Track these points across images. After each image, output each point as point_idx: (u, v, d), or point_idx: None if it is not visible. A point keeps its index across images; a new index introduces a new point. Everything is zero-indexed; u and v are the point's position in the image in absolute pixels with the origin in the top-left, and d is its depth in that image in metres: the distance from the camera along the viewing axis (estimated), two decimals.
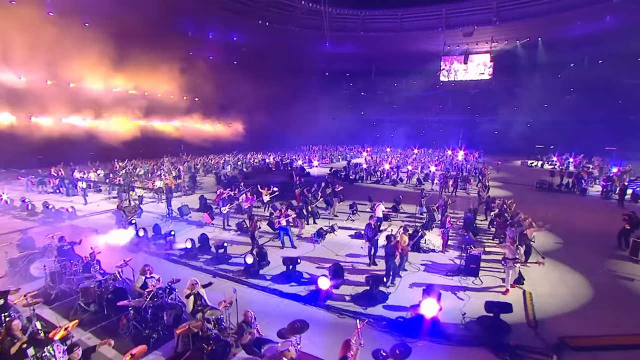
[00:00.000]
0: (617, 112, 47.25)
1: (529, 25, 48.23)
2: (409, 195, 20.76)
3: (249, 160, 32.11)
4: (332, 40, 53.91)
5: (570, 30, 46.91)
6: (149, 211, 16.84)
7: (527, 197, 20.88)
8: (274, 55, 56.20)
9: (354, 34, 54.81)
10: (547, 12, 46.86)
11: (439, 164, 30.06)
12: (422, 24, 52.55)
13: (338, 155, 37.61)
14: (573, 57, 50.32)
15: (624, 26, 43.31)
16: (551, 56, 50.13)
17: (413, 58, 55.72)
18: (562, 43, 48.55)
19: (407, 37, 53.89)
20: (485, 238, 13.52)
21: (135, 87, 41.56)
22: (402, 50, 55.45)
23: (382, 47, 56.07)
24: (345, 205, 17.51)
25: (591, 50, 49.12)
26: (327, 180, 19.34)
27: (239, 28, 51.22)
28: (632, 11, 42.06)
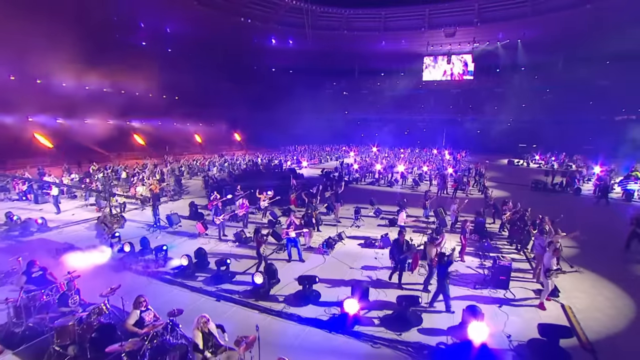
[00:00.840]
0: (589, 112, 48.74)
1: (508, 27, 48.91)
2: (409, 197, 19.87)
3: (236, 162, 30.33)
4: (316, 39, 52.73)
5: (546, 33, 47.91)
6: (132, 220, 15.01)
7: (525, 197, 20.37)
8: (256, 54, 54.47)
9: (338, 32, 53.83)
10: (524, 15, 47.73)
11: (430, 163, 29.43)
12: (406, 24, 52.30)
13: (326, 156, 36.40)
14: (549, 59, 51.39)
15: (595, 31, 44.58)
16: (529, 58, 50.96)
17: (396, 58, 55.41)
18: (539, 45, 49.46)
19: (391, 36, 53.49)
20: (500, 243, 12.68)
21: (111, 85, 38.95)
22: (386, 50, 55.03)
23: (366, 47, 55.43)
24: (345, 209, 16.35)
25: (565, 52, 50.40)
26: (325, 183, 18.05)
27: (219, 25, 49.11)
28: (602, 17, 43.53)
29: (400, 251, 9.22)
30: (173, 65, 45.32)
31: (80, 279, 7.92)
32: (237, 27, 51.04)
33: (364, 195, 20.03)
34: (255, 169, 24.31)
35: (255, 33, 53.63)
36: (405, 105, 56.86)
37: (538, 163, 35.43)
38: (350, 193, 20.78)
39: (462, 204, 13.95)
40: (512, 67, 52.08)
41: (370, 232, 13.77)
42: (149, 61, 40.94)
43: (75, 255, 9.71)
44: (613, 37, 41.98)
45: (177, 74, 46.82)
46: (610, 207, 18.82)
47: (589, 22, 44.64)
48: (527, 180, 25.46)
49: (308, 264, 10.62)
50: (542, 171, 31.11)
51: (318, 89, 57.02)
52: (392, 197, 19.83)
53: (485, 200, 15.90)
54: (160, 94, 47.08)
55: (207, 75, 49.72)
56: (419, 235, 13.39)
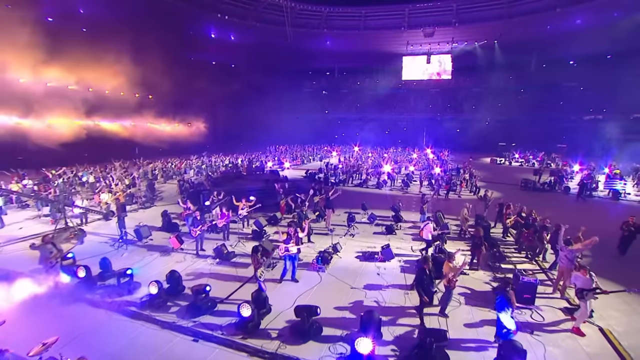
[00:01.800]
0: (560, 112, 49.82)
1: (485, 28, 49.04)
2: (401, 200, 18.60)
3: (215, 164, 28.08)
4: (295, 37, 50.91)
5: (520, 35, 48.45)
6: (94, 233, 12.84)
7: (517, 197, 19.58)
8: (234, 51, 52.02)
9: (317, 30, 52.20)
10: (499, 17, 48.00)
11: (416, 163, 28.41)
12: (385, 23, 51.38)
13: (308, 156, 34.67)
14: (522, 60, 52.13)
15: (563, 33, 45.55)
16: (504, 58, 51.38)
17: (376, 57, 54.45)
18: (513, 47, 49.93)
19: (371, 35, 52.41)
20: (508, 251, 11.51)
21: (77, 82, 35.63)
22: (366, 49, 53.94)
23: (346, 45, 54.12)
24: (336, 215, 14.81)
25: (537, 54, 51.29)
26: (314, 187, 16.41)
27: (196, 21, 46.48)
28: (570, 21, 44.59)
29: (431, 282, 7.44)
30: (147, 62, 42.37)
31: (9, 323, 5.95)
32: (214, 23, 48.65)
33: (354, 198, 18.58)
34: (235, 172, 22.33)
35: (233, 30, 51.28)
36: (385, 105, 56.08)
37: (518, 161, 35.30)
38: (339, 196, 19.31)
39: (468, 208, 12.68)
40: (488, 68, 52.28)
41: (367, 241, 12.30)
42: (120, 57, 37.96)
43: (6, 287, 7.60)
44: (579, 40, 43.27)
45: (151, 71, 44.04)
46: (603, 206, 18.32)
47: (558, 25, 45.75)
48: (515, 179, 24.88)
49: (302, 285, 8.98)
50: (526, 169, 30.93)
51: (298, 88, 55.30)
52: (383, 200, 18.49)
53: (485, 202, 14.75)
54: (133, 92, 44.02)
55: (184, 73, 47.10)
56: (419, 243, 12.05)
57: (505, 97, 51.85)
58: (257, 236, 12.44)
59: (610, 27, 42.25)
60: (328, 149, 40.52)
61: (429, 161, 31.08)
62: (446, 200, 18.49)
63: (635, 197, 20.15)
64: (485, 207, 14.57)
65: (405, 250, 11.57)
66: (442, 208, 14.83)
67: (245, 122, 49.60)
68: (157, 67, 44.36)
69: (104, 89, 39.11)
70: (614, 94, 44.83)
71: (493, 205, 14.84)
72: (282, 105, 51.31)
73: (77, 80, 34.46)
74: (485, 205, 14.65)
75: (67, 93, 33.63)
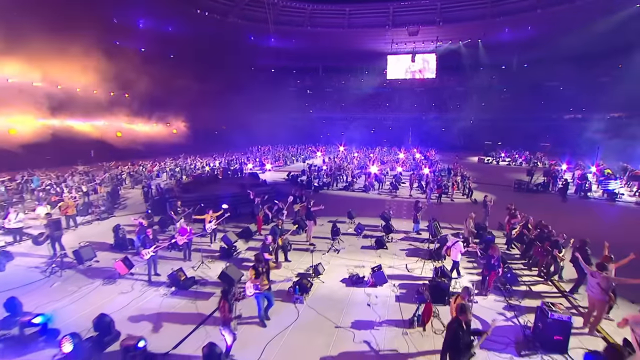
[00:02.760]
0: (541, 111, 49.36)
1: (469, 27, 47.99)
2: (390, 204, 16.74)
3: (191, 166, 25.59)
4: (278, 35, 48.68)
5: (502, 35, 47.80)
6: (26, 254, 10.42)
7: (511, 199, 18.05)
8: (215, 49, 49.28)
9: (301, 28, 50.04)
10: (482, 16, 47.06)
11: (404, 164, 26.71)
12: (370, 21, 49.73)
13: (291, 157, 32.50)
14: (504, 60, 51.53)
15: (543, 35, 45.09)
16: (488, 58, 50.54)
17: (361, 56, 52.70)
18: (496, 47, 49.17)
19: (355, 34, 50.63)
20: (515, 267, 9.75)
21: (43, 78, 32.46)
22: (350, 48, 52.14)
23: (330, 44, 52.14)
24: (319, 225, 12.82)
25: (519, 54, 50.83)
26: (294, 193, 14.34)
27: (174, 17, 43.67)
28: (549, 22, 44.15)
29: (469, 347, 4.58)
30: (123, 58, 39.45)
31: None
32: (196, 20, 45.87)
33: (339, 204, 16.62)
34: (209, 176, 20.03)
35: (214, 27, 48.55)
36: (370, 104, 54.48)
37: (504, 160, 34.15)
38: (322, 202, 17.30)
39: (473, 219, 10.88)
40: (472, 67, 51.43)
41: (354, 258, 10.33)
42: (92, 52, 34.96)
43: None
44: (559, 41, 43.12)
45: (127, 68, 41.02)
46: (602, 209, 16.96)
47: (539, 25, 45.39)
48: (506, 180, 23.49)
49: (274, 326, 6.91)
50: (513, 169, 29.71)
51: (282, 87, 53.00)
52: (370, 206, 16.62)
53: (485, 209, 12.99)
54: (107, 90, 40.91)
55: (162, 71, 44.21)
56: (416, 260, 10.19)
57: (489, 96, 51.11)
58: (225, 255, 10.33)
59: (587, 29, 42.27)
60: (313, 149, 38.43)
61: (416, 161, 29.45)
62: (439, 205, 16.76)
63: (630, 198, 18.92)
64: (486, 214, 12.82)
65: (399, 269, 9.67)
66: (435, 215, 13.02)
67: (228, 121, 47.05)
68: (133, 64, 41.51)
69: (75, 87, 36.15)
70: (591, 94, 44.89)
71: (495, 210, 13.18)
72: (266, 104, 48.95)
73: (44, 76, 31.41)
74: (485, 213, 12.90)
75: (31, 90, 30.57)
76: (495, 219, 12.83)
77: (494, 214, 13.13)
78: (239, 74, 51.44)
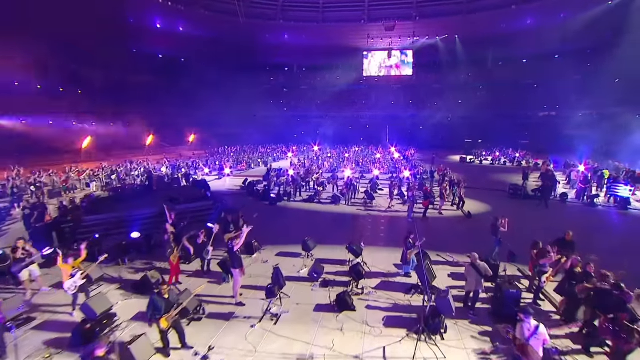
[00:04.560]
0: (516, 109, 46.99)
1: (445, 23, 44.53)
2: (365, 223, 12.33)
3: (130, 172, 20.25)
4: (249, 29, 43.53)
5: (478, 31, 44.72)
6: None
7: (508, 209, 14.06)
8: (181, 42, 43.65)
9: (274, 22, 45.03)
10: (459, 12, 43.78)
11: (380, 165, 22.46)
12: (345, 16, 45.28)
13: (257, 159, 27.57)
14: (480, 57, 48.56)
15: (518, 32, 42.59)
16: (464, 55, 47.38)
17: (336, 52, 48.11)
18: (472, 43, 46.09)
19: (330, 28, 46.07)
20: (551, 334, 5.55)
21: None
22: (326, 43, 47.52)
23: (305, 39, 47.39)
24: (259, 267, 8.33)
25: (493, 52, 48.20)
26: (225, 218, 9.52)
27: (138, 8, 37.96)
28: (523, 19, 41.85)
29: None
30: (78, 52, 33.70)
31: None
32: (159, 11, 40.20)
33: (296, 223, 12.16)
34: (136, 188, 15.06)
35: (180, 19, 43.00)
36: (346, 101, 50.13)
37: (487, 159, 30.55)
38: (276, 220, 12.72)
39: (474, 260, 6.54)
40: (448, 64, 48.14)
41: (299, 337, 5.85)
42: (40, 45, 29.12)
43: None
44: (532, 38, 41.00)
45: (82, 63, 35.06)
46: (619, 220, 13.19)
47: (513, 22, 42.89)
48: (495, 183, 19.63)
49: None
50: (497, 168, 26.02)
51: (254, 84, 47.92)
52: (339, 224, 12.19)
53: (496, 236, 8.71)
54: (57, 86, 34.91)
55: (122, 67, 38.41)
56: (401, 338, 5.82)
57: (465, 93, 48.01)
58: (77, 340, 5.62)
59: (558, 27, 40.57)
60: (284, 150, 33.58)
61: (395, 162, 25.23)
62: (424, 221, 12.49)
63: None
64: (497, 244, 8.59)
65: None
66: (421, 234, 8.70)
67: (196, 121, 41.61)
68: (89, 58, 35.64)
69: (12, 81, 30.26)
70: (563, 92, 43.11)
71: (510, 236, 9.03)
72: (237, 102, 43.79)
73: None
74: (496, 242, 8.65)
75: None
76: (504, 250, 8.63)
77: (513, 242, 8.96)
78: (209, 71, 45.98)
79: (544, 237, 7.60)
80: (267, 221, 12.09)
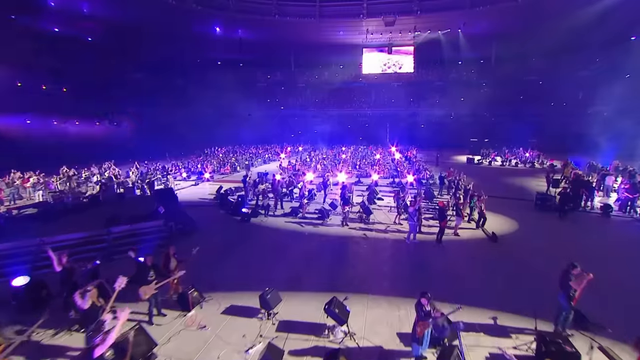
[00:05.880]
0: (521, 106, 43.57)
1: (448, 17, 40.80)
2: (358, 251, 8.88)
3: (90, 178, 16.77)
4: (244, 25, 40.16)
5: (482, 26, 41.17)
6: None
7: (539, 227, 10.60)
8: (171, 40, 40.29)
9: (269, 18, 41.48)
10: (463, 6, 40.06)
11: (380, 168, 19.01)
12: (343, 11, 41.61)
13: (244, 161, 24.20)
14: (484, 53, 45.04)
15: (523, 27, 39.02)
16: (467, 52, 43.72)
17: (335, 48, 44.63)
18: (475, 39, 42.48)
19: (327, 24, 42.47)
20: None
21: None
22: (323, 40, 44.03)
23: (301, 36, 43.85)
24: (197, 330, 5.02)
25: (497, 48, 44.75)
26: (146, 260, 6.14)
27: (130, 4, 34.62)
28: (530, 13, 38.22)
29: None
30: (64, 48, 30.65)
31: None
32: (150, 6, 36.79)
33: (266, 252, 8.79)
34: (86, 198, 11.78)
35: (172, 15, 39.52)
36: (345, 100, 46.67)
37: (494, 158, 26.95)
38: (241, 246, 9.30)
39: None
40: (450, 61, 44.56)
41: None
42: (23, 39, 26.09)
43: None
44: (539, 34, 37.62)
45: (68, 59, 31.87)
46: None
47: (519, 17, 39.29)
48: (514, 190, 16.12)
49: None
50: (510, 171, 22.38)
51: (250, 82, 44.55)
52: (323, 255, 8.78)
53: (565, 286, 5.28)
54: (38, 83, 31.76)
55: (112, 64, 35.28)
56: None
57: (467, 91, 44.44)
58: None
59: (566, 20, 37.10)
60: (277, 151, 30.08)
61: (395, 164, 21.71)
62: (437, 247, 9.04)
63: None
64: (568, 298, 5.16)
65: None
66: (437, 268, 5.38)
67: (188, 121, 38.32)
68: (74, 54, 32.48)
69: None
70: (571, 89, 39.88)
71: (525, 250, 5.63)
72: (233, 102, 40.54)
73: None
74: (567, 294, 5.21)
75: None
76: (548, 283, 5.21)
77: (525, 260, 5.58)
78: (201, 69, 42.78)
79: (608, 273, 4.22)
80: (230, 249, 8.77)
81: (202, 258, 7.68)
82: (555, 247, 8.90)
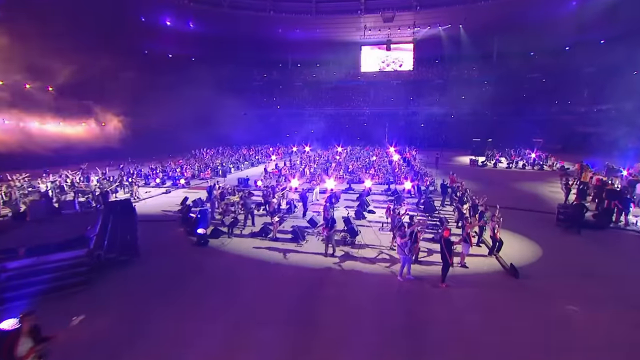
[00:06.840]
0: (524, 104, 40.90)
1: (448, 12, 38.06)
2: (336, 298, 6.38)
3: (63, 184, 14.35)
4: (239, 22, 37.77)
5: (483, 23, 38.43)
6: None
7: (576, 252, 8.14)
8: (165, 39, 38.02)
9: (263, 14, 39.01)
10: (463, 1, 37.33)
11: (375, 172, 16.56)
12: (340, 7, 39.00)
13: (229, 165, 21.53)
14: (485, 51, 42.31)
15: (525, 24, 35.95)
16: (467, 49, 41.04)
17: (332, 46, 42.08)
18: (476, 36, 39.86)
19: (324, 21, 39.91)
20: None
21: None
22: (320, 37, 41.48)
23: (298, 33, 41.36)
24: None
25: (498, 45, 42.00)
26: None
27: None
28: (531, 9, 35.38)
29: None
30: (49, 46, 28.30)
31: None
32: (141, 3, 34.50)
33: (209, 300, 6.40)
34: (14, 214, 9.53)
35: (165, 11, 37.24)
36: (343, 98, 44.12)
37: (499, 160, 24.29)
38: (182, 287, 6.83)
39: None
40: (451, 58, 41.91)
41: None
42: None
43: None
44: (541, 31, 35.26)
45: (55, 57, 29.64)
46: None
47: (521, 13, 36.50)
48: (527, 198, 13.62)
49: None
50: (517, 174, 19.80)
51: (246, 81, 42.12)
52: (284, 302, 6.30)
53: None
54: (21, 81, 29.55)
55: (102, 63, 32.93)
56: None
57: (468, 89, 41.70)
58: None
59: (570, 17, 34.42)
60: (269, 152, 27.60)
61: (393, 167, 19.22)
62: (436, 287, 6.58)
63: None
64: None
65: None
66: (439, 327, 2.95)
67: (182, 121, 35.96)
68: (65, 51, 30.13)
69: None
70: (575, 86, 37.10)
71: None
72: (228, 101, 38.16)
73: None
74: None
75: None
76: None
77: None
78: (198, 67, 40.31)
79: None
80: (167, 288, 6.41)
81: (126, 304, 5.38)
82: (600, 283, 6.48)
